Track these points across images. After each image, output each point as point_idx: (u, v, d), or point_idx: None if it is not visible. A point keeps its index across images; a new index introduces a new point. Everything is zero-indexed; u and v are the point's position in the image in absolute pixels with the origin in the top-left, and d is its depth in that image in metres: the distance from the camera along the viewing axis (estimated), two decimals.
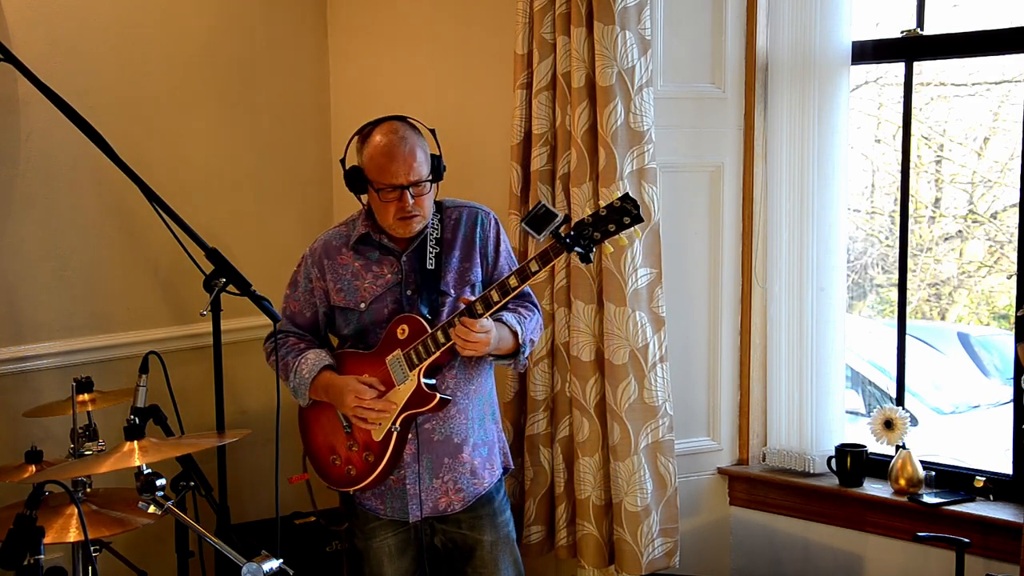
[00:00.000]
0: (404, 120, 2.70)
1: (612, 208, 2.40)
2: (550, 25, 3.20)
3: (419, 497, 2.74)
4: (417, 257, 2.72)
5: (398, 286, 2.71)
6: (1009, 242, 4.82)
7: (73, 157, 3.35)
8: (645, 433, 3.18)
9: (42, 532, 2.26)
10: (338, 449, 2.77)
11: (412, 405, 2.65)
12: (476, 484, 2.78)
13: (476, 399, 2.78)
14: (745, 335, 3.45)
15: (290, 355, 2.80)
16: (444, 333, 2.58)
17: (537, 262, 2.47)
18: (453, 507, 2.77)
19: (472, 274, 2.75)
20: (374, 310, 2.73)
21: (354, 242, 2.75)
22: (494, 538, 2.81)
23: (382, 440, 2.67)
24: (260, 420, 3.58)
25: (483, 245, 2.77)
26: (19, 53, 3.02)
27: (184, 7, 3.66)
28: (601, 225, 2.41)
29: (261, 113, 3.92)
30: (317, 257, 2.80)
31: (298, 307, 2.86)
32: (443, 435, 2.73)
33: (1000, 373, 5.21)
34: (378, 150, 2.63)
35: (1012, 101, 4.64)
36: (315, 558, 3.49)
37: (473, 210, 2.80)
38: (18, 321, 3.29)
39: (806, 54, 3.22)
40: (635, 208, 2.39)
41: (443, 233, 2.74)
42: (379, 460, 2.68)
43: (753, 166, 3.38)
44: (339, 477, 2.78)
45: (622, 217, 2.39)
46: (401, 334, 2.66)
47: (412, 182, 2.61)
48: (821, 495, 3.29)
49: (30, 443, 2.87)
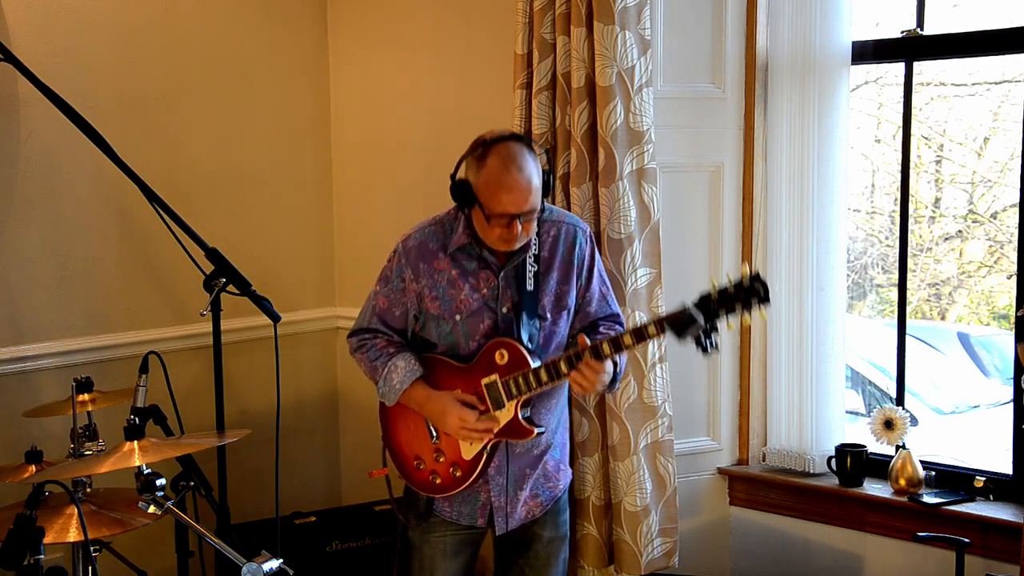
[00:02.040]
0: (522, 141, 2.51)
1: (741, 287, 2.29)
2: (550, 25, 3.20)
3: (505, 510, 2.68)
4: (516, 274, 2.58)
5: (495, 301, 2.58)
6: (1009, 242, 4.82)
7: (73, 157, 3.35)
8: (645, 433, 3.18)
9: (42, 532, 2.26)
10: (424, 456, 2.68)
11: (506, 434, 2.58)
12: (551, 488, 2.75)
13: (555, 409, 2.72)
14: (745, 335, 3.45)
15: (379, 359, 2.66)
16: (548, 372, 2.50)
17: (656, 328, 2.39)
18: (533, 514, 2.73)
19: (568, 298, 2.65)
20: (469, 323, 2.59)
21: (453, 250, 2.59)
22: (552, 535, 2.78)
23: (472, 459, 2.60)
24: (260, 420, 3.58)
25: (580, 267, 2.67)
26: (19, 53, 3.03)
27: (184, 7, 3.66)
28: (727, 303, 2.30)
29: (261, 112, 3.92)
30: (412, 257, 2.61)
31: (388, 304, 2.68)
32: (525, 448, 2.67)
33: (1000, 373, 5.21)
34: (494, 176, 2.43)
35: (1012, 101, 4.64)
36: (315, 558, 3.50)
37: (572, 227, 2.66)
38: (18, 321, 3.29)
39: (806, 54, 3.22)
40: (764, 289, 2.27)
41: (541, 250, 2.62)
42: (467, 477, 2.62)
43: (753, 166, 3.38)
44: (422, 482, 2.69)
45: (750, 297, 2.28)
46: (500, 359, 2.55)
47: (524, 211, 2.44)
48: (821, 495, 3.29)
49: (30, 443, 2.86)
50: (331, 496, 4.23)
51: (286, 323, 3.17)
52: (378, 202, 4.02)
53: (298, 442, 4.07)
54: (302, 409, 4.10)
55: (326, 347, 4.19)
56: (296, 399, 4.04)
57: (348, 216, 4.17)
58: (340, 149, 4.16)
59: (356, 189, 4.14)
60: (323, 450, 4.21)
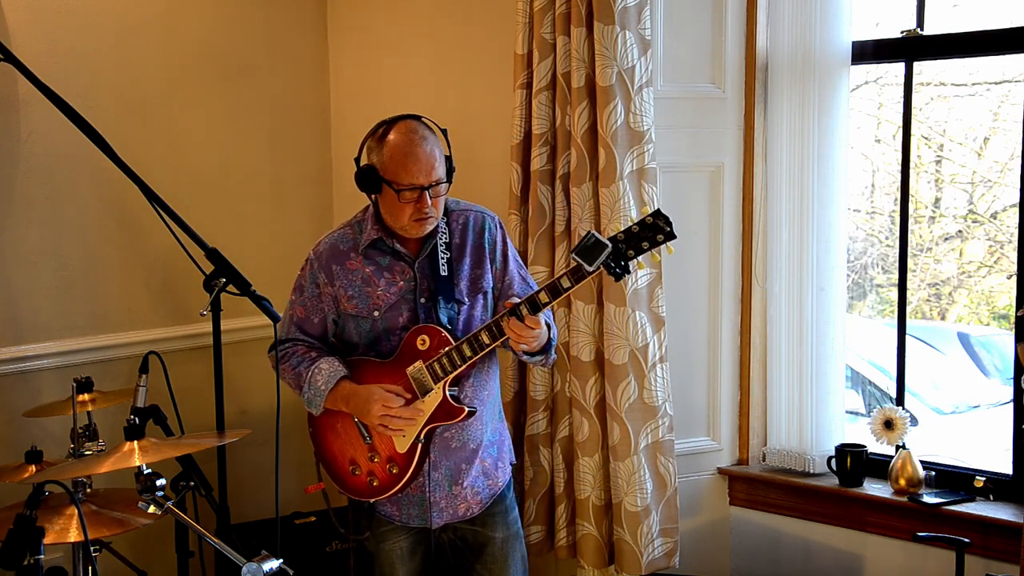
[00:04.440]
0: (419, 119, 2.62)
1: (645, 225, 2.38)
2: (550, 25, 3.20)
3: (440, 505, 2.71)
4: (429, 263, 2.65)
5: (411, 293, 2.65)
6: (1009, 242, 4.82)
7: (73, 157, 3.35)
8: (645, 433, 3.18)
9: (42, 532, 2.26)
10: (358, 460, 2.71)
11: (438, 418, 2.60)
12: (491, 485, 2.78)
13: (488, 403, 2.76)
14: (745, 335, 3.45)
15: (302, 365, 2.71)
16: (470, 346, 2.54)
17: (569, 279, 2.44)
18: (472, 511, 2.75)
19: (484, 281, 2.71)
20: (388, 318, 2.65)
21: (364, 247, 2.68)
22: (505, 535, 2.80)
23: (407, 452, 2.62)
24: (260, 420, 3.58)
25: (491, 251, 2.72)
26: (19, 53, 3.02)
27: (184, 7, 3.66)
28: (635, 242, 2.38)
29: (261, 113, 3.92)
30: (324, 261, 2.70)
31: (305, 313, 2.75)
32: (460, 442, 2.70)
33: (1000, 373, 5.21)
34: (398, 150, 2.54)
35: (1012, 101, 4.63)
36: (315, 558, 3.49)
37: (479, 215, 2.75)
38: (18, 321, 3.29)
39: (806, 54, 3.22)
40: (668, 225, 2.37)
41: (451, 238, 2.68)
42: (404, 471, 2.63)
43: (753, 166, 3.38)
44: (359, 487, 2.73)
45: (655, 235, 2.38)
46: (422, 345, 2.59)
47: (432, 182, 2.54)
48: (821, 495, 3.29)
49: (30, 443, 2.87)
50: (331, 496, 4.22)
51: None
52: None
53: (298, 442, 4.06)
54: (302, 409, 4.06)
55: None
56: (296, 399, 4.00)
57: (348, 216, 4.16)
58: (340, 149, 4.15)
59: (356, 189, 4.12)
60: None
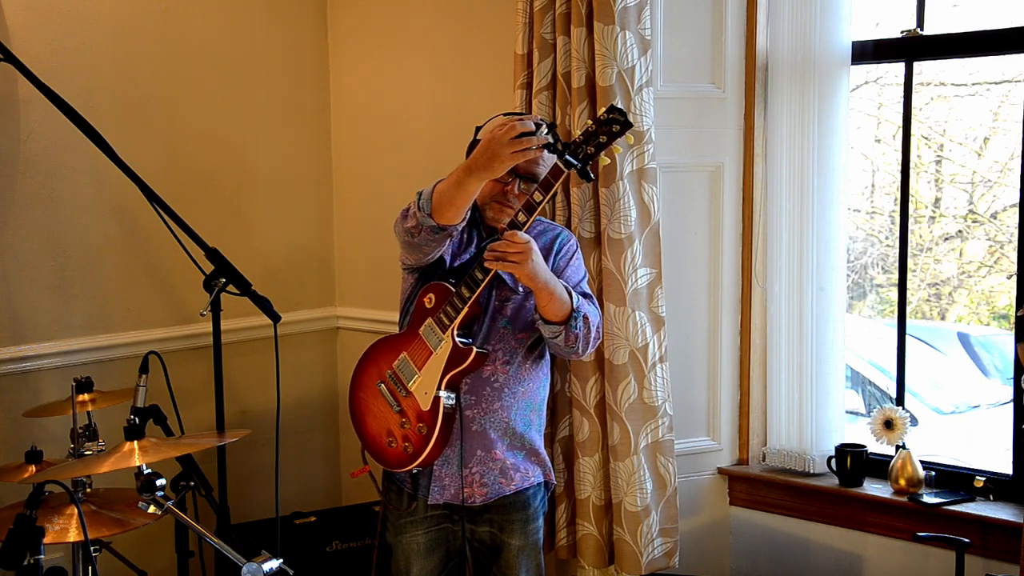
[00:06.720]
0: None
1: (600, 121, 2.44)
2: (550, 25, 3.20)
3: (443, 482, 2.74)
4: None
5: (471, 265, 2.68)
6: (1009, 242, 4.82)
7: (73, 157, 3.35)
8: (645, 433, 3.18)
9: (42, 532, 2.26)
10: (393, 430, 2.75)
11: (452, 364, 2.64)
12: (503, 484, 2.77)
13: (523, 402, 2.77)
14: (745, 335, 3.45)
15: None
16: (467, 286, 2.60)
17: (540, 192, 2.50)
18: (474, 499, 2.75)
19: None
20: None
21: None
22: (521, 543, 2.80)
23: (430, 408, 2.66)
24: (260, 420, 3.59)
25: (558, 251, 2.79)
26: (19, 53, 3.03)
27: (184, 7, 3.66)
28: (593, 139, 2.44)
29: (261, 113, 3.92)
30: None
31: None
32: (481, 427, 2.73)
33: (1000, 373, 5.21)
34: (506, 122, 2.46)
35: (1012, 101, 4.63)
36: (315, 558, 3.50)
37: (561, 230, 2.86)
38: (18, 321, 3.29)
39: (806, 54, 3.22)
40: (622, 115, 2.42)
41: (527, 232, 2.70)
42: (432, 429, 2.66)
43: (753, 166, 3.38)
44: (399, 457, 2.75)
45: (611, 127, 2.43)
46: (429, 303, 2.69)
47: (531, 173, 2.63)
48: (821, 495, 3.29)
49: (30, 443, 2.87)
50: (331, 496, 4.23)
51: (286, 323, 3.17)
52: (378, 202, 4.02)
53: (298, 442, 4.07)
54: (302, 409, 4.10)
55: (326, 347, 4.19)
56: (296, 399, 4.04)
57: (348, 216, 4.17)
58: (340, 149, 4.15)
59: (356, 189, 4.14)
60: (323, 450, 4.21)
